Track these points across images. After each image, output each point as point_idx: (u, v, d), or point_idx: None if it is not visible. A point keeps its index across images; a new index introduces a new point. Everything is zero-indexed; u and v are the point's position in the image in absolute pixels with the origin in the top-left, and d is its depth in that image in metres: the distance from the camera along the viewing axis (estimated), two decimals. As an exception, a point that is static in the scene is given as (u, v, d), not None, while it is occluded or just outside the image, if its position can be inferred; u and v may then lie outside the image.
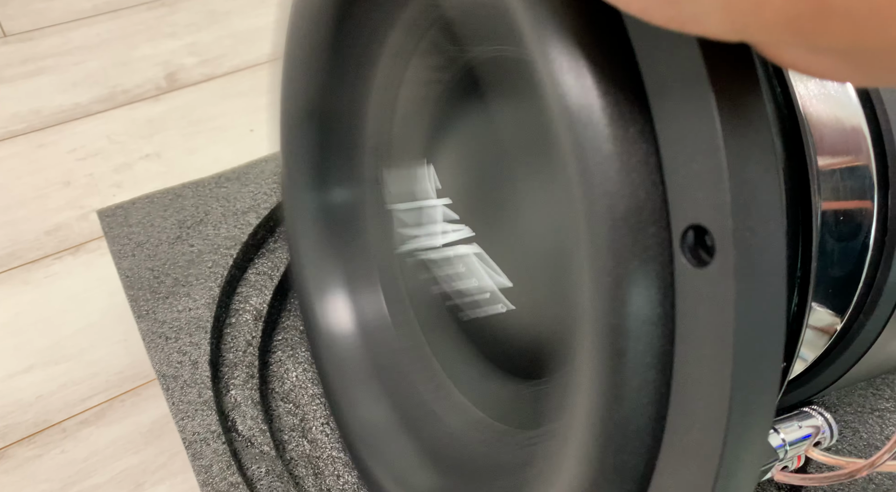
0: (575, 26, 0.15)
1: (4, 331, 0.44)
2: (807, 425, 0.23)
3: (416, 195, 0.28)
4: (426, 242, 0.27)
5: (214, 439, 0.32)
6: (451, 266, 0.26)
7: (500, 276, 0.25)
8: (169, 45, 0.67)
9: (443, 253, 0.26)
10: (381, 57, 0.28)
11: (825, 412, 0.23)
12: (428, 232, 0.27)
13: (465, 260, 0.26)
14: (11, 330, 0.44)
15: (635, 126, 0.14)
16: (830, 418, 0.23)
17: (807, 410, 0.24)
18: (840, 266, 0.24)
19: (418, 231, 0.27)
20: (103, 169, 0.55)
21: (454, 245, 0.26)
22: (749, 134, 0.13)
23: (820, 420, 0.23)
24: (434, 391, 0.29)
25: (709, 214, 0.13)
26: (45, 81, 0.62)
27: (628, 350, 0.15)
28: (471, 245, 0.26)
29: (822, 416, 0.23)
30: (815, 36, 0.10)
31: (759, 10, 0.10)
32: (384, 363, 0.29)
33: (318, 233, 0.30)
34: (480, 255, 0.26)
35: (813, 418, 0.23)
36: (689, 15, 0.11)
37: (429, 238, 0.27)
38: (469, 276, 0.26)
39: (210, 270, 0.39)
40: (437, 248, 0.27)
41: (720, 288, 0.13)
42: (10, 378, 0.42)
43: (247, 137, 0.57)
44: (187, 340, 0.36)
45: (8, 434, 0.39)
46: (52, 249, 0.49)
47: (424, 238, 0.27)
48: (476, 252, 0.26)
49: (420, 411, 0.29)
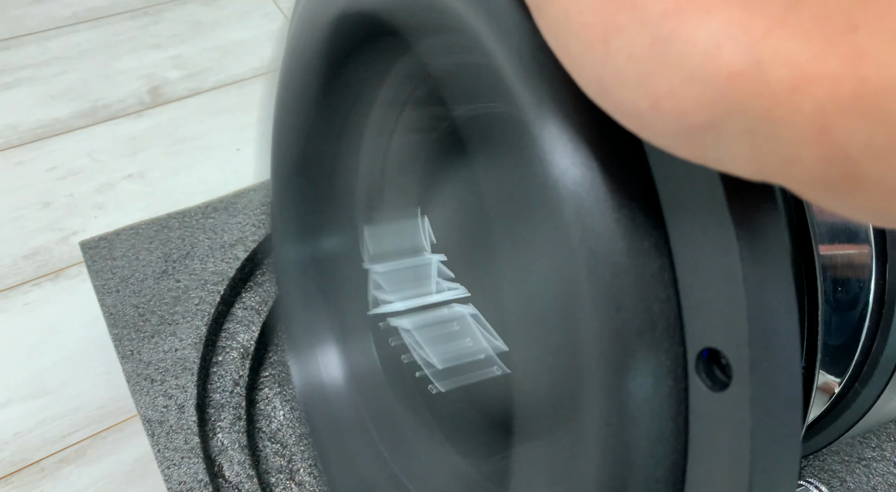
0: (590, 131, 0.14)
1: (-19, 362, 0.43)
2: (804, 500, 0.23)
3: (402, 253, 0.27)
4: (400, 307, 0.26)
5: (201, 488, 0.32)
6: (436, 329, 0.26)
7: (497, 339, 0.25)
8: (152, 58, 0.65)
9: (422, 316, 0.26)
10: (374, 106, 0.28)
11: (821, 485, 0.24)
12: (405, 296, 0.26)
13: (460, 321, 0.26)
14: (-12, 361, 0.43)
15: (650, 239, 0.14)
16: (826, 490, 0.23)
17: (803, 484, 0.24)
18: (837, 335, 0.24)
19: (394, 295, 0.26)
20: (84, 189, 0.53)
21: (448, 304, 0.26)
22: (768, 262, 0.13)
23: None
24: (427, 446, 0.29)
25: (726, 340, 0.13)
26: (22, 94, 0.61)
27: (636, 464, 0.15)
28: (466, 305, 0.26)
29: (818, 489, 0.23)
30: (845, 196, 0.10)
31: (790, 167, 0.10)
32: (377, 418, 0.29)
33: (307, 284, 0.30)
34: (476, 316, 0.25)
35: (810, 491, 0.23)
36: (715, 159, 0.11)
37: (404, 302, 0.26)
38: (462, 337, 0.26)
39: (197, 307, 0.38)
40: (415, 311, 0.26)
41: (736, 416, 0.13)
42: (-13, 413, 0.41)
43: (233, 157, 0.56)
44: (173, 382, 0.35)
45: (-16, 473, 0.38)
46: (30, 274, 0.47)
47: (399, 302, 0.26)
48: (472, 313, 0.26)
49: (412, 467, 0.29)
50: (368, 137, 0.28)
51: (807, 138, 0.09)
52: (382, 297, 0.26)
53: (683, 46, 0.10)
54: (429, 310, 0.26)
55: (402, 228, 0.28)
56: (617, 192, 0.14)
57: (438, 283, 0.26)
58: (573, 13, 0.11)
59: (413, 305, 0.26)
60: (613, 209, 0.14)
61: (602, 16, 0.11)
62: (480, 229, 0.25)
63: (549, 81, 0.14)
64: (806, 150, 0.10)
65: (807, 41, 0.09)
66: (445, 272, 0.26)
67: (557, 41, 0.12)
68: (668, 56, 0.10)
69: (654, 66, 0.10)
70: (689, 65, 0.10)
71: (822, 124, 0.09)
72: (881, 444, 0.34)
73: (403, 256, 0.27)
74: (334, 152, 0.28)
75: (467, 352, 0.26)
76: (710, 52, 0.10)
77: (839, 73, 0.09)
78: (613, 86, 0.11)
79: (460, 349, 0.25)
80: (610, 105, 0.12)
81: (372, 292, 0.27)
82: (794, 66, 0.09)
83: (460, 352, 0.25)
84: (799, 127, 0.09)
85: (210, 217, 0.42)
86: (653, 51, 0.10)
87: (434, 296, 0.26)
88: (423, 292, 0.26)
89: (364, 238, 0.28)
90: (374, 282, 0.27)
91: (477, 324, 0.25)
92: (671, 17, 0.10)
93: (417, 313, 0.25)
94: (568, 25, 0.11)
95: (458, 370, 0.25)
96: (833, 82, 0.09)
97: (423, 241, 0.27)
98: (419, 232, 0.27)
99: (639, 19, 0.10)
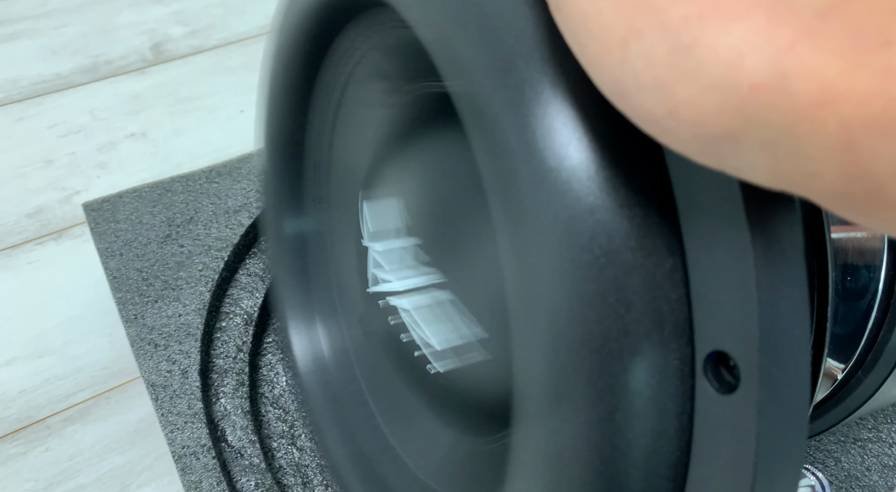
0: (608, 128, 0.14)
1: (-14, 320, 0.43)
2: (802, 486, 0.23)
3: (390, 232, 0.27)
4: (398, 286, 0.26)
5: (204, 452, 0.32)
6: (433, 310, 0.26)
7: (476, 326, 0.24)
8: (154, 12, 0.64)
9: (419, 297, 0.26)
10: (351, 80, 0.27)
11: (817, 471, 0.24)
12: (402, 276, 0.26)
13: (440, 307, 0.25)
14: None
15: (662, 239, 0.14)
16: (823, 477, 0.23)
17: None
18: (844, 324, 0.24)
19: (392, 275, 0.26)
20: (86, 147, 0.53)
21: (426, 289, 0.26)
22: (783, 268, 0.13)
23: (813, 480, 0.23)
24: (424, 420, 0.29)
25: (736, 343, 0.13)
26: (22, 47, 0.60)
27: (638, 458, 0.15)
28: (443, 291, 0.25)
29: (814, 475, 0.23)
30: (866, 213, 0.10)
31: (810, 181, 0.10)
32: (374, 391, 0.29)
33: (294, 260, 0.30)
34: (455, 301, 0.25)
35: (806, 478, 0.23)
36: (733, 167, 0.11)
37: (402, 282, 0.26)
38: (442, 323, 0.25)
39: (200, 273, 0.38)
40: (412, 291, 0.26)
41: (741, 419, 0.13)
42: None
43: (237, 118, 0.55)
44: (177, 347, 0.35)
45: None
46: (33, 233, 0.47)
47: (397, 282, 0.26)
48: (450, 298, 0.25)
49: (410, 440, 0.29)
50: (344, 112, 0.28)
51: (830, 155, 0.09)
52: (381, 275, 0.26)
53: (705, 54, 0.09)
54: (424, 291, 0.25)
55: (386, 207, 0.27)
56: (632, 189, 0.14)
57: (416, 266, 0.26)
58: (591, 14, 0.11)
59: (410, 286, 0.25)
60: (627, 206, 0.14)
61: (621, 19, 0.10)
62: (460, 213, 0.25)
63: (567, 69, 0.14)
64: (828, 166, 0.09)
65: (836, 55, 0.09)
66: (422, 256, 0.26)
67: (575, 40, 0.12)
68: (688, 63, 0.10)
69: (673, 73, 0.10)
70: (709, 73, 0.10)
71: (847, 142, 0.09)
72: (877, 425, 0.35)
73: (392, 237, 0.27)
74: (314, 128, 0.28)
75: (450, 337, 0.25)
76: (732, 62, 0.09)
77: (869, 90, 0.08)
78: (631, 90, 0.11)
79: (447, 332, 0.25)
80: (627, 109, 0.11)
81: (371, 270, 0.27)
82: (820, 80, 0.09)
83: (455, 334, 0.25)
84: (822, 143, 0.09)
85: (214, 182, 0.42)
86: (673, 57, 0.10)
87: (413, 280, 0.26)
88: (406, 275, 0.26)
89: (363, 214, 0.28)
90: (374, 260, 0.27)
91: (456, 310, 0.25)
92: (693, 24, 0.10)
93: (415, 293, 0.25)
94: (585, 26, 0.11)
95: (456, 351, 0.25)
96: (861, 99, 0.08)
97: (399, 222, 0.27)
98: (396, 213, 0.27)
99: (659, 24, 0.10)
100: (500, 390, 0.25)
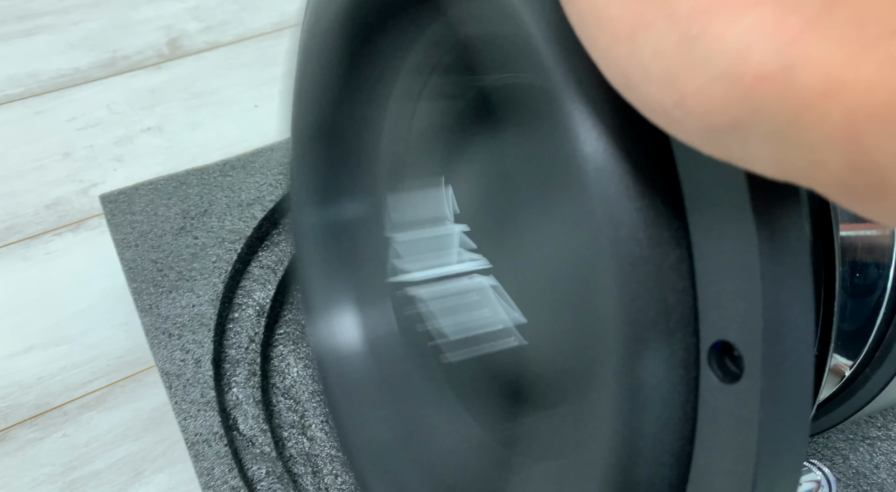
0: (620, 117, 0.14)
1: (4, 309, 0.44)
2: (807, 481, 0.23)
3: (425, 222, 0.27)
4: (420, 276, 0.26)
5: (217, 440, 0.33)
6: (452, 300, 0.26)
7: (516, 311, 0.25)
8: (171, 8, 0.64)
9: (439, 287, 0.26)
10: (401, 72, 0.28)
11: (823, 466, 0.24)
12: (424, 266, 0.26)
13: (481, 292, 0.26)
14: (11, 308, 0.44)
15: (670, 230, 0.14)
16: (829, 472, 0.24)
17: (806, 464, 0.24)
18: (852, 320, 0.24)
19: (413, 265, 0.26)
20: (103, 141, 0.53)
21: (469, 275, 0.26)
22: (788, 259, 0.13)
23: (819, 475, 0.23)
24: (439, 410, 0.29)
25: (740, 334, 0.13)
26: (42, 41, 0.60)
27: (643, 446, 0.15)
28: (487, 276, 0.26)
29: (821, 470, 0.24)
30: (870, 203, 0.10)
31: (814, 171, 0.10)
32: (391, 381, 0.30)
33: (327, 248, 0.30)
34: (497, 287, 0.26)
35: (812, 472, 0.23)
36: (739, 158, 0.11)
37: (423, 272, 0.26)
38: (480, 308, 0.26)
39: (214, 265, 0.38)
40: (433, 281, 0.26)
41: (745, 409, 0.13)
42: (11, 358, 0.42)
43: (251, 112, 0.56)
44: (190, 337, 0.36)
45: (10, 415, 0.40)
46: (51, 224, 0.48)
47: (419, 272, 0.26)
48: (493, 284, 0.26)
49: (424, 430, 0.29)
50: (394, 103, 0.28)
51: (834, 145, 0.09)
52: (401, 266, 0.27)
53: (712, 45, 0.10)
54: (447, 280, 0.26)
55: (425, 196, 0.28)
56: (641, 180, 0.14)
57: (460, 253, 0.27)
58: (600, 5, 0.11)
59: (431, 276, 0.26)
60: (636, 198, 0.14)
61: (629, 10, 0.10)
62: (504, 200, 0.25)
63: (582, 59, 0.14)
64: (832, 156, 0.09)
65: (841, 46, 0.09)
66: (468, 243, 0.27)
67: (584, 31, 0.12)
68: (695, 54, 0.10)
69: (681, 64, 0.10)
70: (716, 64, 0.10)
71: (851, 132, 0.09)
72: (887, 424, 0.35)
73: (425, 226, 0.27)
74: (359, 117, 0.28)
75: (483, 323, 0.26)
76: (739, 53, 0.09)
77: (873, 80, 0.09)
78: (639, 81, 0.11)
79: (476, 320, 0.25)
80: (635, 99, 0.11)
81: (392, 261, 0.27)
82: (825, 70, 0.09)
83: (476, 323, 0.25)
84: (826, 133, 0.09)
85: (228, 175, 0.42)
86: (680, 48, 0.10)
87: (455, 266, 0.26)
88: (444, 262, 0.26)
89: (387, 206, 0.28)
90: (395, 251, 0.27)
91: (497, 295, 0.25)
92: (701, 15, 0.10)
93: (435, 284, 0.26)
94: (595, 17, 0.11)
95: (471, 341, 0.25)
96: (866, 90, 0.09)
97: (446, 210, 0.27)
98: (442, 201, 0.27)
99: (667, 15, 0.10)
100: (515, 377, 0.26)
